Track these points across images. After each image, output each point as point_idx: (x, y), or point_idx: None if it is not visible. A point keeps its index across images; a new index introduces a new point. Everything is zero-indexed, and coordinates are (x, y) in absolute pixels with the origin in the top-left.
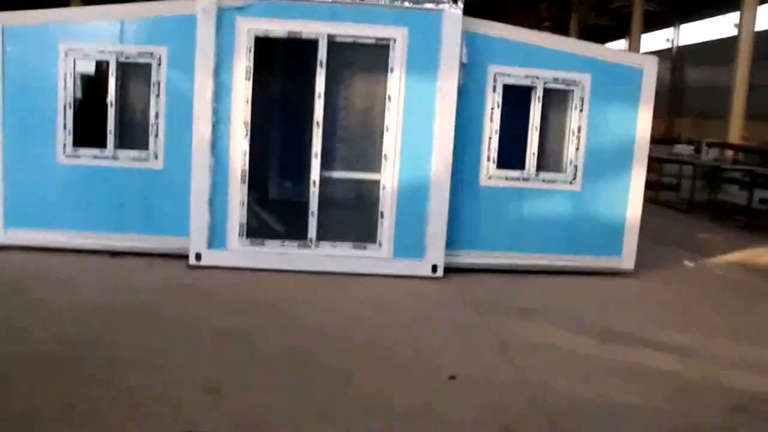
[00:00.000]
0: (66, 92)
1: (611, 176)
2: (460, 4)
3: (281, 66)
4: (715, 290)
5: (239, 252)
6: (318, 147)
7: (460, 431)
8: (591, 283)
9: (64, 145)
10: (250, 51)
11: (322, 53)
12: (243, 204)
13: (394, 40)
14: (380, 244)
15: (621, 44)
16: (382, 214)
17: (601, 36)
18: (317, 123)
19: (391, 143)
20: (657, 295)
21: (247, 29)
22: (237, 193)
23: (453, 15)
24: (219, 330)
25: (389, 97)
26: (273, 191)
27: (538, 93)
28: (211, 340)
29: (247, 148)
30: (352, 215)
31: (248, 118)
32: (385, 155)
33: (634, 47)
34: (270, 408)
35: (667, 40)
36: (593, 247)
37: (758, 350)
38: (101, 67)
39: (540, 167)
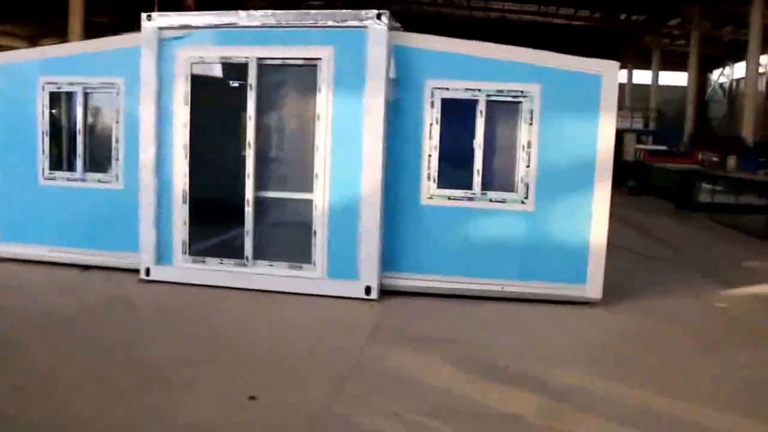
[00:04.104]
0: (44, 121)
1: (569, 194)
2: (385, 20)
3: (218, 90)
4: (691, 327)
5: (183, 268)
6: (251, 168)
7: None
8: (540, 313)
9: (43, 168)
10: (187, 78)
11: (252, 76)
12: (185, 223)
13: (321, 60)
14: (314, 264)
15: None
16: (315, 233)
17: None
18: (249, 144)
19: (321, 162)
20: (602, 330)
21: (184, 57)
22: (179, 213)
23: (377, 31)
24: (97, 340)
25: (318, 117)
26: (212, 211)
27: (481, 107)
28: (79, 348)
29: (187, 169)
30: (289, 235)
31: (187, 142)
32: (316, 174)
33: (752, 66)
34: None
35: None
36: (551, 274)
37: (658, 400)
38: (72, 98)
39: (488, 186)
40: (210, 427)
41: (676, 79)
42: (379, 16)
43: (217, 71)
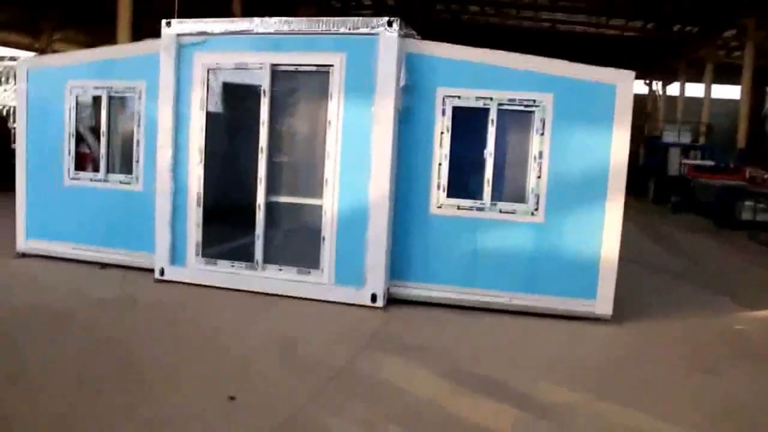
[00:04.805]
0: (70, 123)
1: (581, 207)
2: (396, 27)
3: (234, 95)
4: (698, 347)
5: (195, 270)
6: (263, 172)
7: None
8: (545, 328)
9: (68, 169)
10: (203, 83)
11: (265, 82)
12: (198, 225)
13: (332, 67)
14: (323, 270)
15: None
16: (323, 239)
17: None
18: (261, 149)
19: (331, 169)
20: (605, 347)
21: (200, 63)
22: (193, 215)
23: (388, 38)
24: (92, 336)
25: (329, 123)
26: (225, 214)
27: (492, 115)
28: (72, 343)
29: (201, 173)
30: (299, 240)
31: (203, 145)
32: (326, 180)
33: None
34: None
35: None
36: (560, 288)
37: (640, 420)
38: (97, 101)
39: (498, 196)
40: (178, 422)
41: (730, 92)
42: (390, 24)
43: (234, 77)
